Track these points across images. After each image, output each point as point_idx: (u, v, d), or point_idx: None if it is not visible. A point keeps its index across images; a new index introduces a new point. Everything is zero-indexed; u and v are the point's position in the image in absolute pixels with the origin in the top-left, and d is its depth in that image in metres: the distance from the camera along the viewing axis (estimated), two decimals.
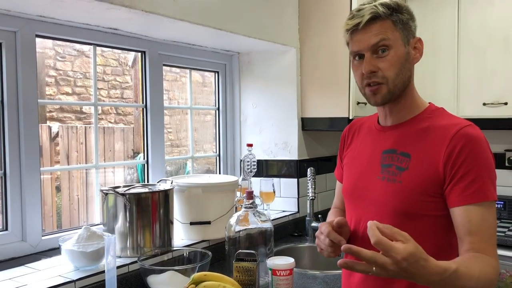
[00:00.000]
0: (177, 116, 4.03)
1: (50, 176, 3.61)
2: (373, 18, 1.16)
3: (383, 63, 1.17)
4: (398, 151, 1.21)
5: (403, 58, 1.18)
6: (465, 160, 1.09)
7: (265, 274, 1.70)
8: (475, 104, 2.72)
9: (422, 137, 1.18)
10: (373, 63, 1.17)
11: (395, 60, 1.17)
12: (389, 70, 1.17)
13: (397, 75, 1.17)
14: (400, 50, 1.17)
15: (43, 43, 1.92)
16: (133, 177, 3.58)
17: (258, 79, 2.66)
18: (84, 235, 1.59)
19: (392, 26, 1.17)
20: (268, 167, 2.66)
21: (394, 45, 1.16)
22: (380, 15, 1.16)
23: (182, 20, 1.84)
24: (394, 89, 1.18)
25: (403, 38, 1.18)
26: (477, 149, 1.10)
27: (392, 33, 1.17)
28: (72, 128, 3.90)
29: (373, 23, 1.16)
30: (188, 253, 1.81)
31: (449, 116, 1.21)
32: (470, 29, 2.74)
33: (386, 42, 1.16)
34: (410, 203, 1.15)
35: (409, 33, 1.20)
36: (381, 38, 1.16)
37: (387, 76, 1.17)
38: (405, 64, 1.19)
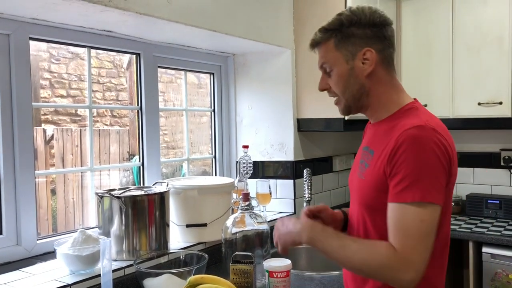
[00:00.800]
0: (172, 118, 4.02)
1: (45, 179, 3.59)
2: (313, 46, 1.29)
3: (330, 82, 1.27)
4: (369, 148, 1.26)
5: (346, 75, 1.23)
6: (398, 160, 1.10)
7: (261, 276, 1.69)
8: (470, 103, 2.73)
9: (385, 136, 1.19)
10: (325, 81, 1.29)
11: (337, 79, 1.24)
12: (335, 87, 1.26)
13: (344, 91, 1.25)
14: (342, 69, 1.23)
15: (37, 45, 1.91)
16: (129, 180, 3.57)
17: (253, 80, 2.66)
18: (80, 239, 1.58)
19: (332, 48, 1.24)
20: (264, 169, 2.65)
21: (334, 65, 1.24)
22: (318, 41, 1.27)
23: (177, 22, 1.84)
24: (348, 102, 1.26)
25: (346, 55, 1.22)
26: (412, 149, 1.08)
27: (332, 54, 1.24)
28: (67, 131, 3.88)
29: (318, 47, 1.28)
30: (185, 256, 1.80)
31: (415, 115, 1.18)
32: (465, 30, 2.75)
33: (326, 64, 1.26)
34: (368, 198, 1.21)
35: (355, 47, 1.21)
36: (322, 62, 1.27)
37: (336, 91, 1.27)
38: (349, 80, 1.23)
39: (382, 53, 1.22)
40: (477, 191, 3.06)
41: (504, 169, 2.99)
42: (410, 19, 2.95)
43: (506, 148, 2.98)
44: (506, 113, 2.63)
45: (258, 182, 2.40)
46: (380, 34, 1.22)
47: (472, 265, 2.53)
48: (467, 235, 2.51)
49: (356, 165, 1.32)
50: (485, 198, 2.89)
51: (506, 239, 2.39)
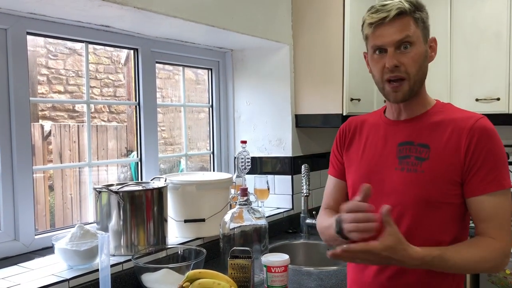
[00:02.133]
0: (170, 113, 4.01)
1: (43, 175, 3.58)
2: (399, 14, 1.18)
3: (406, 59, 1.19)
4: (415, 143, 1.24)
5: (423, 56, 1.21)
6: (482, 152, 1.15)
7: (260, 271, 1.70)
8: (468, 99, 2.74)
9: (438, 129, 1.22)
10: (397, 58, 1.19)
11: (417, 57, 1.19)
12: (411, 66, 1.19)
13: (418, 72, 1.21)
14: (421, 48, 1.21)
15: (34, 41, 1.90)
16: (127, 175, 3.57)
17: (251, 76, 2.65)
18: (78, 234, 1.58)
19: (414, 23, 1.20)
20: (262, 164, 2.66)
21: (416, 42, 1.19)
22: (406, 11, 1.18)
23: (175, 17, 1.83)
24: (414, 85, 1.22)
25: (423, 36, 1.22)
26: (492, 140, 1.16)
27: (414, 30, 1.19)
28: (64, 127, 3.87)
29: (398, 19, 1.18)
30: (183, 251, 1.81)
31: (460, 110, 1.26)
32: (462, 25, 2.74)
33: (410, 38, 1.18)
34: (432, 192, 1.18)
35: (427, 31, 1.24)
36: (406, 34, 1.18)
37: (410, 72, 1.19)
38: (424, 62, 1.22)
39: None
40: None
41: None
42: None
43: (504, 144, 2.99)
44: (504, 109, 2.63)
45: (256, 178, 2.40)
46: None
47: None
48: None
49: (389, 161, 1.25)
50: None
51: None
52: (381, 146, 1.31)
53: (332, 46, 2.45)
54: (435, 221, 1.19)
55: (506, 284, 2.40)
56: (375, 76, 1.26)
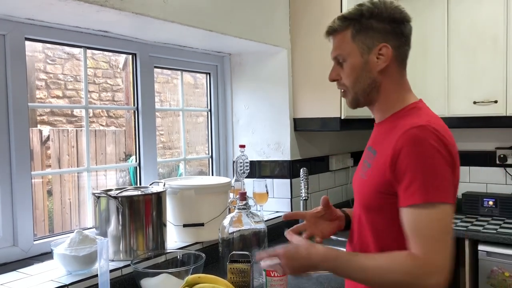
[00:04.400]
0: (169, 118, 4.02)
1: (41, 180, 3.58)
2: (329, 33, 1.26)
3: (342, 73, 1.25)
4: (372, 148, 1.26)
5: (358, 68, 1.21)
6: (402, 163, 1.08)
7: (259, 275, 1.70)
8: (466, 102, 2.75)
9: (386, 136, 1.19)
10: (336, 72, 1.27)
11: (351, 71, 1.22)
12: (346, 79, 1.24)
13: (354, 84, 1.23)
14: (356, 61, 1.21)
15: (32, 46, 1.90)
16: (125, 180, 3.57)
17: (250, 80, 2.66)
18: (77, 239, 1.57)
19: (349, 38, 1.21)
20: (261, 168, 2.66)
21: (348, 56, 1.22)
22: (335, 29, 1.24)
23: (173, 22, 1.84)
24: (356, 95, 1.25)
25: (361, 48, 1.20)
26: (417, 150, 1.07)
27: (348, 44, 1.21)
28: (63, 132, 3.87)
29: (334, 36, 1.26)
30: (182, 256, 1.80)
31: (418, 115, 1.17)
32: (460, 29, 2.76)
33: (341, 56, 1.24)
34: (368, 198, 1.20)
35: (372, 40, 1.19)
36: (337, 53, 1.25)
37: (345, 84, 1.25)
38: (362, 73, 1.21)
39: (398, 50, 1.20)
40: (473, 189, 3.08)
41: (499, 168, 3.01)
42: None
43: (501, 146, 3.00)
44: (501, 111, 2.64)
45: (255, 182, 2.40)
46: (399, 30, 1.21)
47: (468, 263, 2.54)
48: (463, 233, 2.53)
49: (360, 165, 1.31)
50: (480, 197, 2.90)
51: (501, 237, 2.40)
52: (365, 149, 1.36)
53: (329, 50, 2.45)
54: (378, 225, 1.18)
55: (505, 286, 2.40)
56: None
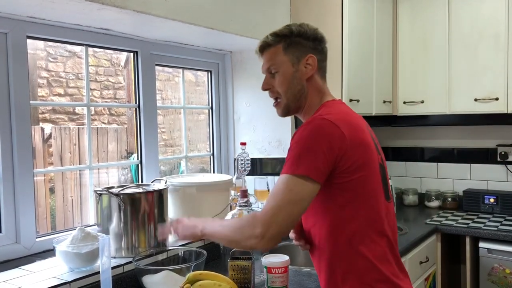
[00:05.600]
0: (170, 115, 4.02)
1: (44, 178, 3.59)
2: (264, 47, 1.40)
3: (275, 82, 1.39)
4: None
5: (290, 76, 1.36)
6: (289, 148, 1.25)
7: (260, 272, 1.71)
8: (467, 100, 2.75)
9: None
10: (268, 82, 1.40)
11: (283, 79, 1.37)
12: (280, 87, 1.38)
13: (287, 90, 1.37)
14: (287, 70, 1.36)
15: (34, 44, 1.90)
16: (127, 178, 3.58)
17: (251, 77, 2.66)
18: (79, 236, 1.58)
19: (281, 51, 1.37)
20: (262, 166, 2.66)
21: (280, 67, 1.37)
22: (269, 44, 1.39)
23: (174, 20, 1.84)
24: (288, 101, 1.38)
25: (292, 59, 1.36)
26: (297, 136, 1.23)
27: (280, 57, 1.37)
28: (65, 129, 3.88)
29: (266, 50, 1.40)
30: (183, 253, 1.81)
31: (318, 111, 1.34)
32: (461, 26, 2.76)
33: (273, 67, 1.38)
34: None
35: (300, 53, 1.36)
36: (270, 64, 1.39)
37: (279, 91, 1.38)
38: (293, 81, 1.36)
39: (320, 63, 1.40)
40: (474, 186, 3.08)
41: (500, 165, 3.01)
42: (406, 16, 2.96)
43: (502, 143, 3.00)
44: (502, 109, 2.64)
45: (256, 179, 2.41)
46: (320, 47, 1.41)
47: (469, 260, 2.55)
48: (464, 230, 2.53)
49: None
50: (481, 194, 2.91)
51: (502, 234, 2.41)
52: None
53: (330, 47, 2.42)
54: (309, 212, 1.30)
55: (506, 284, 2.40)
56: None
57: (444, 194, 3.12)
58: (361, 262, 1.22)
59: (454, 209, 3.02)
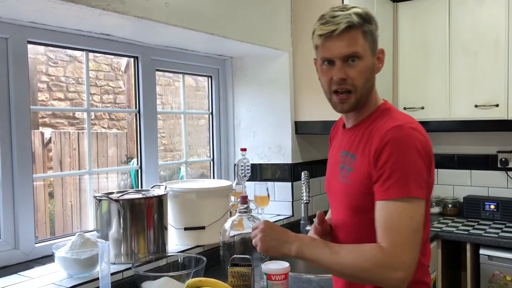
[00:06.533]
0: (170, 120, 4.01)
1: (43, 183, 3.58)
2: (348, 28, 1.18)
3: (353, 72, 1.20)
4: (349, 153, 1.27)
5: (370, 68, 1.23)
6: (382, 161, 1.13)
7: (260, 279, 1.69)
8: (467, 106, 2.75)
9: (364, 138, 1.23)
10: (344, 71, 1.20)
11: (364, 70, 1.21)
12: (358, 79, 1.21)
13: (364, 84, 1.22)
14: (369, 61, 1.22)
15: (35, 48, 1.90)
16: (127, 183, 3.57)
17: (251, 83, 2.66)
18: (78, 242, 1.58)
19: (363, 37, 1.20)
20: (262, 171, 2.66)
21: (364, 55, 1.21)
22: (354, 24, 1.19)
23: (175, 25, 1.84)
24: (361, 97, 1.24)
25: (371, 49, 1.22)
26: (395, 149, 1.12)
27: (362, 44, 1.20)
28: (64, 134, 3.87)
29: (346, 33, 1.19)
30: (183, 259, 1.80)
31: (391, 116, 1.22)
32: (461, 32, 2.76)
33: (357, 53, 1.19)
34: (355, 200, 1.22)
35: (375, 44, 1.24)
36: (353, 50, 1.19)
37: (356, 84, 1.21)
38: (371, 74, 1.24)
39: None
40: (474, 193, 3.07)
41: (501, 171, 3.00)
42: (406, 21, 2.97)
43: (503, 150, 2.99)
44: (503, 115, 2.64)
45: (256, 185, 2.40)
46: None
47: (469, 267, 2.54)
48: (464, 237, 2.52)
49: (335, 170, 1.32)
50: (482, 200, 2.90)
51: (503, 241, 2.40)
52: (333, 155, 1.38)
53: None
54: (363, 225, 1.20)
55: None
56: (323, 86, 1.28)
57: (444, 201, 3.11)
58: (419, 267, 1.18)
59: (454, 216, 3.01)
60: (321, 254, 1.15)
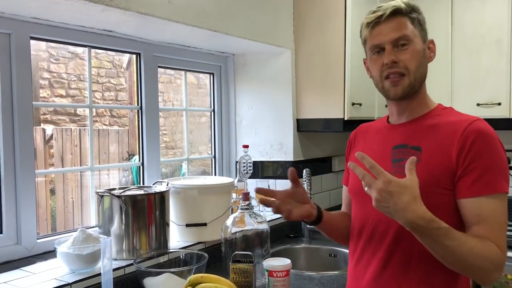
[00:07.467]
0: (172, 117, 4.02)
1: (44, 179, 3.59)
2: (395, 12, 1.21)
3: (404, 55, 1.20)
4: (409, 146, 1.22)
5: (421, 53, 1.23)
6: (476, 153, 1.10)
7: (261, 276, 1.70)
8: (469, 104, 2.74)
9: (432, 132, 1.20)
10: (395, 55, 1.20)
11: (416, 54, 1.21)
12: (410, 62, 1.20)
13: (417, 68, 1.21)
14: (419, 45, 1.22)
15: (36, 45, 1.91)
16: (128, 180, 3.57)
17: (253, 80, 2.66)
18: (80, 238, 1.58)
19: (411, 23, 1.22)
20: (264, 168, 2.66)
21: (414, 39, 1.21)
22: (402, 10, 1.21)
23: (177, 22, 1.84)
24: (415, 82, 1.22)
25: (422, 35, 1.24)
26: (487, 142, 1.11)
27: (413, 29, 1.22)
28: (66, 131, 3.88)
29: (394, 18, 1.21)
30: (184, 255, 1.81)
31: (458, 113, 1.24)
32: (464, 31, 2.75)
33: (407, 36, 1.20)
34: (424, 195, 1.06)
35: (425, 33, 1.25)
36: (403, 33, 1.20)
37: (409, 67, 1.20)
38: (423, 60, 1.23)
39: None
40: None
41: None
42: None
43: (506, 149, 2.99)
44: (505, 114, 2.63)
45: (257, 182, 2.41)
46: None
47: None
48: None
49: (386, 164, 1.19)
50: None
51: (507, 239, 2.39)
52: (376, 150, 1.30)
53: (333, 51, 2.46)
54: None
55: None
56: (374, 77, 1.27)
57: None
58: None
59: None
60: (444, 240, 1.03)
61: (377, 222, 1.25)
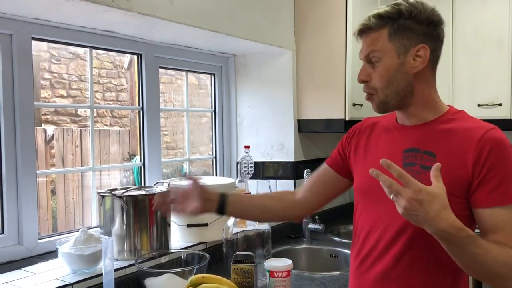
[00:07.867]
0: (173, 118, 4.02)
1: (45, 179, 3.59)
2: (364, 30, 1.19)
3: (373, 74, 1.20)
4: (421, 150, 1.19)
5: (393, 70, 1.17)
6: (492, 164, 1.09)
7: (262, 276, 1.70)
8: (470, 105, 2.74)
9: (447, 138, 1.17)
10: (366, 72, 1.20)
11: (383, 72, 1.17)
12: (377, 81, 1.19)
13: (386, 86, 1.18)
14: (390, 62, 1.17)
15: (38, 45, 1.91)
16: (129, 180, 3.58)
17: (254, 81, 2.66)
18: (81, 238, 1.58)
19: (385, 37, 1.16)
20: (265, 169, 2.66)
21: (383, 57, 1.17)
22: (371, 27, 1.17)
23: (179, 23, 1.84)
24: (386, 98, 1.19)
25: (398, 48, 1.16)
26: (503, 153, 1.10)
27: (384, 44, 1.16)
28: (67, 131, 3.88)
29: (368, 33, 1.19)
30: (186, 256, 1.81)
31: (473, 119, 1.21)
32: (464, 31, 2.76)
33: (375, 54, 1.18)
34: None
35: (409, 41, 1.16)
36: (370, 50, 1.18)
37: (376, 87, 1.19)
38: (396, 75, 1.17)
39: (434, 53, 1.19)
40: None
41: None
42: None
43: None
44: (506, 114, 2.63)
45: (258, 183, 2.40)
46: (435, 33, 1.19)
47: None
48: None
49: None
50: None
51: None
52: (386, 150, 1.27)
53: (334, 51, 2.46)
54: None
55: None
56: None
57: None
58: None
59: None
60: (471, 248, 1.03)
61: (387, 226, 1.22)
